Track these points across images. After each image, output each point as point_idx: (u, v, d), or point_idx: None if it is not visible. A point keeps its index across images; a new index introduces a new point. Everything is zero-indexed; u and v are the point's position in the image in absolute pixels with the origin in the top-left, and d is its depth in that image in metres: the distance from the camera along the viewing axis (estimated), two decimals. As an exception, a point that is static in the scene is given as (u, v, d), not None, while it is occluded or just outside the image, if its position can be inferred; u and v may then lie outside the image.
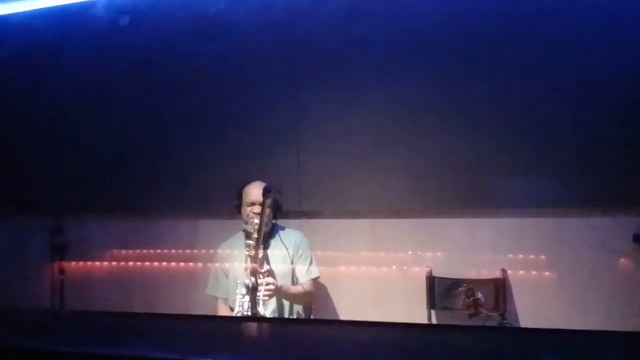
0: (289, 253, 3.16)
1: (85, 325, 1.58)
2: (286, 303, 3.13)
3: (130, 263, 4.12)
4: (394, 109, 3.56)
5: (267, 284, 2.92)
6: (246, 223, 3.17)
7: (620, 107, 3.23)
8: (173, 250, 4.03)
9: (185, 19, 3.89)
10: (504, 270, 3.42)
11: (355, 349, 1.21)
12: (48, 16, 4.29)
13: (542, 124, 3.35)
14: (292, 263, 3.17)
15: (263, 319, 2.68)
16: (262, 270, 2.92)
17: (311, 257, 3.25)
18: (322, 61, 3.69)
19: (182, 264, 4.01)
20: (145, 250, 4.09)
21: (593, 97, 3.28)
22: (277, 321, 2.29)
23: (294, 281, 3.17)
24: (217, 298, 3.27)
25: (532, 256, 3.42)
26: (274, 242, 3.19)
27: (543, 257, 3.41)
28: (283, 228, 3.26)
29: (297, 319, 3.10)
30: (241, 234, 3.25)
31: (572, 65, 3.30)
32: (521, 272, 3.42)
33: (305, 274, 3.19)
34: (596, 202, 3.28)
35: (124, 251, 4.14)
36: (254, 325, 1.61)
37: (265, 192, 2.92)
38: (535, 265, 3.41)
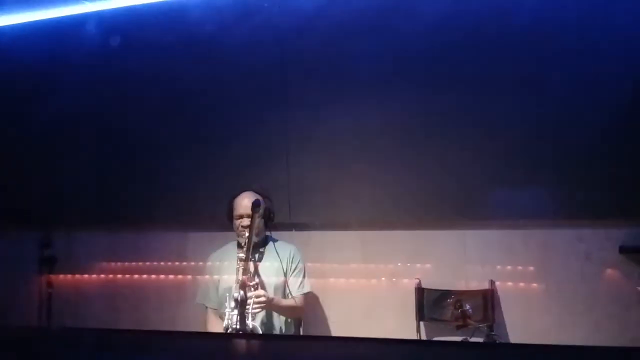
0: (282, 266, 3.16)
1: (71, 343, 1.57)
2: (276, 315, 3.13)
3: (119, 276, 4.10)
4: (383, 122, 3.59)
5: (258, 296, 2.92)
6: (238, 235, 3.18)
7: (607, 122, 3.28)
8: (162, 263, 4.01)
9: (179, 35, 3.92)
10: (492, 282, 3.44)
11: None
12: (38, 30, 4.31)
13: (531, 138, 3.39)
14: (285, 276, 3.18)
15: (252, 335, 2.67)
16: (252, 283, 2.92)
17: (304, 271, 3.25)
18: (312, 76, 3.73)
19: (171, 276, 4.00)
20: (134, 263, 4.08)
21: (580, 112, 3.33)
22: (267, 337, 2.28)
23: (286, 294, 3.17)
24: (207, 307, 3.27)
25: (520, 267, 3.45)
26: (267, 254, 3.19)
27: (531, 268, 3.43)
28: (276, 240, 3.27)
29: (286, 335, 3.09)
30: (233, 244, 3.26)
31: (561, 81, 3.35)
32: (509, 283, 3.45)
33: (298, 288, 3.19)
34: (583, 214, 3.31)
35: (113, 264, 4.12)
36: (243, 343, 1.60)
37: (254, 206, 2.92)
38: (523, 277, 3.43)
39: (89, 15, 4.19)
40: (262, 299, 2.92)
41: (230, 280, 3.03)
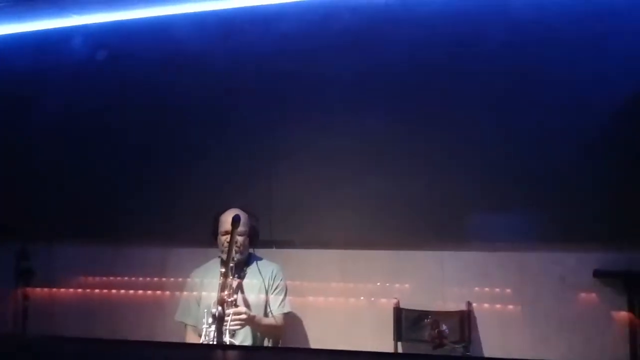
0: (264, 283, 3.18)
1: (50, 351, 1.57)
2: (255, 334, 3.13)
3: (97, 290, 4.06)
4: (365, 142, 3.65)
5: (239, 313, 2.92)
6: (222, 252, 3.18)
7: (583, 147, 3.38)
8: (141, 278, 3.99)
9: (165, 51, 3.97)
10: (469, 303, 3.48)
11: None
12: (23, 42, 4.33)
13: (509, 163, 3.46)
14: (266, 294, 3.18)
15: (231, 346, 2.67)
16: (230, 300, 2.92)
17: (285, 290, 3.26)
18: (296, 96, 3.79)
19: (149, 292, 3.97)
20: (112, 278, 4.05)
21: (556, 138, 3.42)
22: (244, 349, 2.29)
23: (266, 313, 3.17)
24: (185, 325, 3.25)
25: (497, 289, 3.50)
26: (250, 272, 3.20)
27: (507, 290, 3.48)
28: (260, 258, 3.28)
29: (264, 346, 3.09)
30: (216, 261, 3.26)
31: (539, 106, 3.44)
32: (486, 305, 3.49)
33: (279, 307, 3.20)
34: (558, 238, 3.38)
35: (91, 278, 4.09)
36: (220, 353, 1.61)
37: (233, 222, 2.95)
38: (499, 299, 3.48)
39: (75, 28, 4.23)
40: (243, 316, 2.93)
41: (212, 298, 3.03)
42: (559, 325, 3.35)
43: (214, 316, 2.79)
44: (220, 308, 2.76)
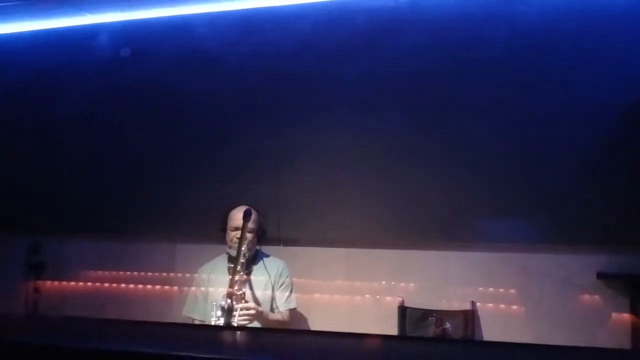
0: (270, 279, 3.23)
1: (69, 326, 1.63)
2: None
3: (107, 284, 4.12)
4: (371, 143, 3.69)
5: (248, 309, 2.98)
6: (230, 247, 3.23)
7: (586, 149, 3.41)
8: (150, 273, 4.05)
9: (174, 49, 4.03)
10: (473, 303, 3.52)
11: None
12: (36, 39, 4.40)
13: (514, 166, 3.50)
14: (272, 290, 3.23)
15: (239, 328, 2.71)
16: (239, 293, 2.97)
17: (291, 286, 3.31)
18: (304, 95, 3.84)
19: (158, 287, 4.03)
20: (121, 272, 4.11)
21: (560, 139, 3.45)
22: (252, 331, 2.33)
23: (272, 308, 3.23)
24: (193, 320, 3.30)
25: (501, 290, 3.53)
26: (257, 268, 3.25)
27: (511, 291, 3.52)
28: (267, 255, 3.33)
29: (271, 328, 3.11)
30: (223, 257, 3.31)
31: (540, 108, 3.48)
32: (490, 304, 3.53)
33: (285, 303, 3.25)
34: (563, 239, 3.41)
35: (101, 272, 4.15)
36: (231, 334, 1.66)
37: (245, 215, 3.00)
38: (503, 299, 3.51)
39: (88, 27, 4.30)
40: (252, 311, 2.98)
41: (220, 293, 3.09)
42: (562, 325, 3.38)
43: (222, 308, 2.84)
44: (229, 300, 2.82)
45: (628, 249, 3.29)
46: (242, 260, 2.96)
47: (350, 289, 3.72)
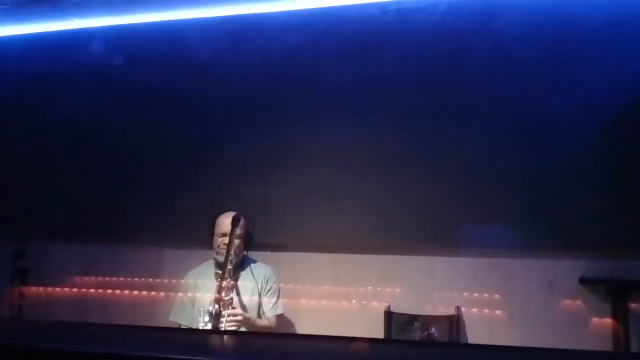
0: (257, 285, 3.23)
1: (55, 329, 1.63)
2: (248, 334, 3.18)
3: (92, 290, 4.10)
4: (360, 149, 3.73)
5: (235, 315, 2.98)
6: (217, 253, 3.24)
7: (571, 156, 3.46)
8: (136, 279, 4.04)
9: (164, 54, 4.04)
10: (458, 308, 3.56)
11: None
12: (25, 43, 4.39)
13: (499, 172, 3.55)
14: (259, 296, 3.24)
15: (228, 331, 2.72)
16: (226, 299, 2.98)
17: (279, 292, 3.32)
18: (292, 100, 3.86)
19: (144, 292, 4.02)
20: (107, 278, 4.09)
21: (545, 146, 3.51)
22: (241, 335, 2.32)
23: (259, 314, 3.23)
24: (179, 325, 3.30)
25: (485, 295, 3.57)
26: (244, 274, 3.25)
27: (496, 296, 3.56)
28: (254, 261, 3.34)
29: (261, 332, 3.13)
30: (210, 263, 3.31)
31: (528, 115, 3.54)
32: (474, 309, 3.56)
33: (272, 309, 3.26)
34: (546, 245, 3.46)
35: (86, 278, 4.13)
36: (217, 338, 1.67)
37: (234, 221, 3.01)
38: (488, 304, 3.56)
39: (75, 31, 4.29)
40: (239, 317, 2.99)
41: (207, 299, 3.09)
42: (546, 330, 3.43)
43: (210, 314, 2.84)
44: (217, 305, 2.82)
45: (610, 254, 3.35)
46: (229, 266, 2.96)
47: (337, 294, 3.74)
